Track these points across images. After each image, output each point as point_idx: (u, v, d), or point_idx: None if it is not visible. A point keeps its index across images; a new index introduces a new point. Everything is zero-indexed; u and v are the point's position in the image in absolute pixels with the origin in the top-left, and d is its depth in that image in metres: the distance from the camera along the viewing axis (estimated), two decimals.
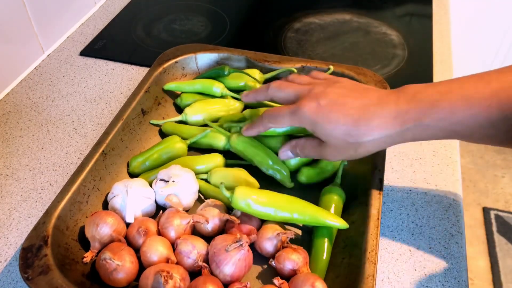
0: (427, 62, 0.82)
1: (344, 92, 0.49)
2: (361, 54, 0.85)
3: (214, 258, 0.47)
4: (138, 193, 0.54)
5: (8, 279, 0.53)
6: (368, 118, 0.46)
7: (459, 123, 0.44)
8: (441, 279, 0.51)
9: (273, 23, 0.94)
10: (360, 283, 0.44)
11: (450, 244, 0.55)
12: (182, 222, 0.51)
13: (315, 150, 0.52)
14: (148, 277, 0.45)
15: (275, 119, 0.52)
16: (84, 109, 0.74)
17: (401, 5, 0.99)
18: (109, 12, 0.97)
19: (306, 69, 0.69)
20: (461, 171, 0.64)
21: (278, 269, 0.49)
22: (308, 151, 0.53)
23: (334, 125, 0.47)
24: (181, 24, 0.94)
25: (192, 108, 0.66)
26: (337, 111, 0.47)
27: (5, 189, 0.62)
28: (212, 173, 0.59)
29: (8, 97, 0.76)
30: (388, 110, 0.46)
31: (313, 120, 0.48)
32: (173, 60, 0.70)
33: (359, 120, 0.46)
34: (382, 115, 0.46)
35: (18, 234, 0.57)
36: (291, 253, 0.48)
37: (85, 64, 0.83)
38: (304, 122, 0.49)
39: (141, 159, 0.60)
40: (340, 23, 0.94)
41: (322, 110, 0.48)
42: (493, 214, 1.67)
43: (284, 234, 0.50)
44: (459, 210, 0.59)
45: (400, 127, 0.45)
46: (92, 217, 0.50)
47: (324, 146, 0.50)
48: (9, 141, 0.69)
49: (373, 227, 0.48)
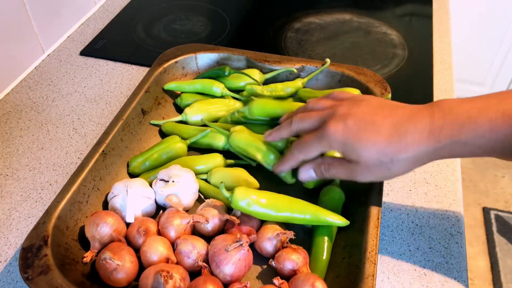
0: (427, 62, 0.82)
1: (372, 110, 0.47)
2: (361, 54, 0.85)
3: (214, 258, 0.47)
4: (138, 193, 0.54)
5: (8, 279, 0.53)
6: (401, 135, 0.44)
7: (498, 141, 0.41)
8: (441, 279, 0.51)
9: (273, 23, 0.94)
10: (360, 283, 0.44)
11: (450, 244, 0.55)
12: (182, 222, 0.51)
13: (344, 170, 0.49)
14: (148, 277, 0.45)
15: (305, 149, 0.50)
16: (84, 109, 0.74)
17: (401, 5, 0.99)
18: (109, 12, 0.97)
19: (306, 69, 0.69)
20: (461, 171, 0.64)
21: (278, 270, 0.49)
22: (335, 171, 0.50)
23: (365, 144, 0.45)
24: (181, 24, 0.94)
25: (192, 108, 0.66)
26: (367, 130, 0.45)
27: (5, 189, 0.62)
28: (212, 173, 0.59)
29: (8, 97, 0.76)
30: (422, 126, 0.44)
31: (342, 142, 0.46)
32: (173, 60, 0.70)
33: (392, 137, 0.44)
34: (416, 131, 0.44)
35: (18, 234, 0.57)
36: (291, 253, 0.48)
37: (85, 64, 0.83)
38: (333, 145, 0.47)
39: (141, 159, 0.60)
40: (340, 23, 0.94)
41: (350, 131, 0.46)
42: (493, 214, 1.67)
43: (284, 234, 0.50)
44: (459, 210, 0.59)
45: (436, 143, 0.43)
46: (92, 217, 0.50)
47: (354, 165, 0.47)
48: (9, 141, 0.69)
49: (373, 227, 0.48)
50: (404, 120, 0.45)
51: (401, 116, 0.45)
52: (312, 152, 0.49)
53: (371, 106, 0.47)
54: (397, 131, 0.44)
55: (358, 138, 0.45)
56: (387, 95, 0.63)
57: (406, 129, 0.44)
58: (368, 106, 0.48)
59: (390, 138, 0.44)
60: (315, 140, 0.48)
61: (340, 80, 0.68)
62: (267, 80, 0.69)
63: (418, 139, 0.44)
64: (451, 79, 0.79)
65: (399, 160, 0.44)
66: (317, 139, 0.48)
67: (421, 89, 0.76)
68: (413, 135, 0.44)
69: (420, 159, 0.45)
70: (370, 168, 0.46)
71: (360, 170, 0.47)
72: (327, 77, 0.68)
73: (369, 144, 0.45)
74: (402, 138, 0.44)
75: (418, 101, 0.74)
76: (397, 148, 0.44)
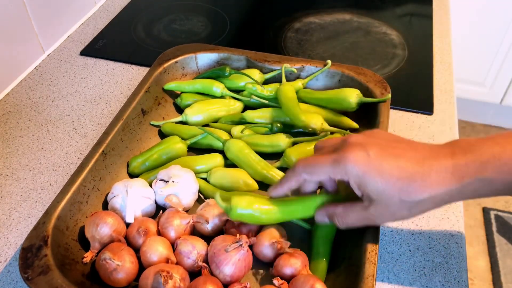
0: (427, 62, 0.82)
1: (391, 144, 0.43)
2: (361, 54, 0.85)
3: (214, 258, 0.47)
4: (138, 193, 0.54)
5: (8, 279, 0.53)
6: (425, 173, 0.41)
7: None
8: (441, 279, 0.51)
9: (273, 23, 0.94)
10: (360, 283, 0.44)
11: (450, 244, 0.55)
12: (182, 222, 0.51)
13: (359, 217, 0.45)
14: (148, 277, 0.45)
15: (312, 170, 0.44)
16: (84, 109, 0.74)
17: (401, 5, 0.99)
18: (109, 12, 0.97)
19: (306, 69, 0.69)
20: None
21: (279, 277, 0.48)
22: (350, 220, 0.45)
23: (388, 179, 0.41)
24: (181, 24, 0.94)
25: (192, 109, 0.66)
26: (391, 162, 0.41)
27: (5, 189, 0.62)
28: (211, 173, 0.59)
29: (8, 97, 0.76)
30: (445, 164, 0.41)
31: (361, 173, 0.41)
32: (173, 60, 0.70)
33: (415, 174, 0.41)
34: (440, 170, 0.41)
35: (18, 234, 0.57)
36: (288, 259, 0.48)
37: (85, 64, 0.83)
38: (350, 174, 0.42)
39: (141, 159, 0.60)
40: (340, 23, 0.94)
41: (372, 162, 0.41)
42: (493, 214, 1.67)
43: (279, 243, 0.49)
44: (459, 210, 0.59)
45: (460, 182, 0.40)
46: (92, 217, 0.50)
47: (370, 208, 0.43)
48: (9, 141, 0.69)
49: (373, 228, 0.48)
50: (426, 157, 0.42)
51: (422, 151, 0.42)
52: (320, 175, 0.44)
53: (388, 140, 0.44)
54: (421, 168, 0.41)
55: (381, 171, 0.41)
56: (387, 95, 0.63)
57: (430, 166, 0.41)
58: (384, 139, 0.44)
59: (414, 176, 0.41)
60: (329, 163, 0.43)
61: (340, 80, 0.68)
62: (267, 80, 0.69)
63: (442, 178, 0.40)
64: (451, 79, 0.79)
65: (420, 200, 0.41)
66: (332, 163, 0.43)
67: (421, 89, 0.76)
68: (437, 174, 0.41)
69: (442, 199, 0.42)
70: (390, 208, 0.42)
71: (378, 212, 0.43)
72: (327, 77, 0.68)
73: (392, 180, 0.41)
74: (425, 176, 0.41)
75: (418, 101, 0.74)
76: (421, 186, 0.41)
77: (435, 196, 0.41)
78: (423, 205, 0.42)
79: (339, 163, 0.42)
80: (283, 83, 0.66)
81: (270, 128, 0.62)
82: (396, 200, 0.41)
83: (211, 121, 0.67)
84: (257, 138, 0.62)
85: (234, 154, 0.59)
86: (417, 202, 0.41)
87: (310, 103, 0.67)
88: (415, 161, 0.41)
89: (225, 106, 0.67)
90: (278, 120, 0.64)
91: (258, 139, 0.61)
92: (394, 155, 0.42)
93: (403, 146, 0.43)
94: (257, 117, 0.65)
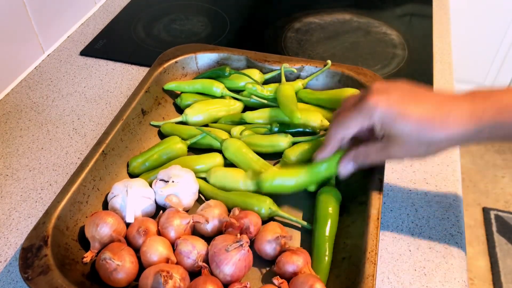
0: (427, 62, 0.82)
1: (411, 89, 0.47)
2: (361, 54, 0.85)
3: (214, 258, 0.47)
4: (138, 193, 0.54)
5: (8, 279, 0.53)
6: (444, 113, 0.44)
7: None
8: (441, 279, 0.51)
9: (273, 23, 0.94)
10: (360, 283, 0.44)
11: (450, 244, 0.55)
12: (182, 222, 0.51)
13: (380, 154, 0.48)
14: (148, 277, 0.45)
15: (344, 124, 0.48)
16: (84, 109, 0.74)
17: (401, 5, 0.99)
18: (109, 12, 0.97)
19: (306, 69, 0.69)
20: (461, 171, 0.64)
21: (280, 274, 0.48)
22: (373, 157, 0.49)
23: (409, 117, 0.44)
24: (181, 24, 0.94)
25: (192, 109, 0.66)
26: (411, 103, 0.45)
27: (5, 189, 0.62)
28: (211, 173, 0.59)
29: (8, 97, 0.76)
30: (464, 107, 0.43)
31: (384, 112, 0.45)
32: (173, 60, 0.70)
33: (434, 116, 0.44)
34: (458, 112, 0.43)
35: (18, 234, 0.57)
36: (290, 256, 0.48)
37: (85, 64, 0.83)
38: (375, 117, 0.45)
39: (141, 159, 0.60)
40: (340, 23, 0.94)
41: (394, 103, 0.45)
42: (493, 214, 1.67)
43: (283, 238, 0.49)
44: (459, 210, 0.59)
45: (478, 125, 0.43)
46: (92, 217, 0.50)
47: (390, 146, 0.47)
48: (9, 141, 0.69)
49: (373, 227, 0.48)
50: (446, 100, 0.45)
51: (442, 96, 0.45)
52: (351, 127, 0.48)
53: (408, 86, 0.47)
54: (441, 109, 0.44)
55: (402, 110, 0.44)
56: None
57: (450, 108, 0.44)
58: (405, 85, 0.47)
59: (433, 116, 0.44)
60: (355, 112, 0.47)
61: (340, 80, 0.68)
62: (267, 80, 0.69)
63: (460, 119, 0.43)
64: (451, 79, 0.79)
65: (438, 139, 0.44)
66: (357, 110, 0.46)
67: None
68: (456, 115, 0.43)
69: (458, 140, 0.44)
70: (407, 144, 0.46)
71: (397, 149, 0.47)
72: (327, 77, 0.68)
73: (412, 118, 0.44)
74: (445, 116, 0.44)
75: None
76: (439, 125, 0.44)
77: (451, 137, 0.44)
78: (440, 144, 0.45)
79: (363, 110, 0.46)
80: (283, 83, 0.66)
81: (269, 128, 0.63)
82: (414, 139, 0.45)
83: (211, 121, 0.67)
84: (256, 138, 0.62)
85: (232, 153, 0.59)
86: (434, 141, 0.44)
87: (310, 103, 0.67)
88: (435, 104, 0.44)
89: (225, 106, 0.67)
90: (278, 120, 0.64)
91: (258, 139, 0.61)
92: (415, 98, 0.45)
93: (423, 92, 0.46)
94: (257, 118, 0.65)
